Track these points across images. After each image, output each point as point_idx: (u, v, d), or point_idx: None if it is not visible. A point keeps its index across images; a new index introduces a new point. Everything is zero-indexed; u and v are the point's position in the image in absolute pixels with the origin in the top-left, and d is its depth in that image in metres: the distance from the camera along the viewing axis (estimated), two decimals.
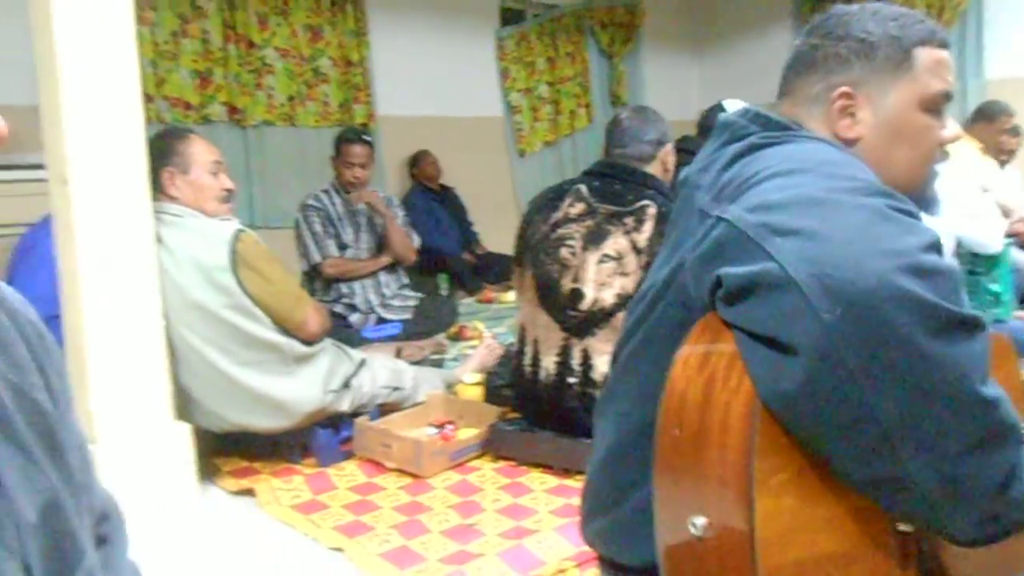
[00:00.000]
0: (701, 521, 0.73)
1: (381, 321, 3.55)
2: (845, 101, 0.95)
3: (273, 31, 4.91)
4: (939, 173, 1.01)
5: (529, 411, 2.32)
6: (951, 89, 0.97)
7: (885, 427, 0.68)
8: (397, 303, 3.63)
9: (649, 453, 0.79)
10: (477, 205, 5.64)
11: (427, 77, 5.55)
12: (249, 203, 4.77)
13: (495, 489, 2.15)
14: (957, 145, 1.03)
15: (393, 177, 5.46)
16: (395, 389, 2.55)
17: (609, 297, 2.13)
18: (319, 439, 2.35)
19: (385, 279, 3.65)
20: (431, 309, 3.73)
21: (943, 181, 1.03)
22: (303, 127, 5.06)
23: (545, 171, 6.27)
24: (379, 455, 2.32)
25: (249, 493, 2.19)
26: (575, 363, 2.17)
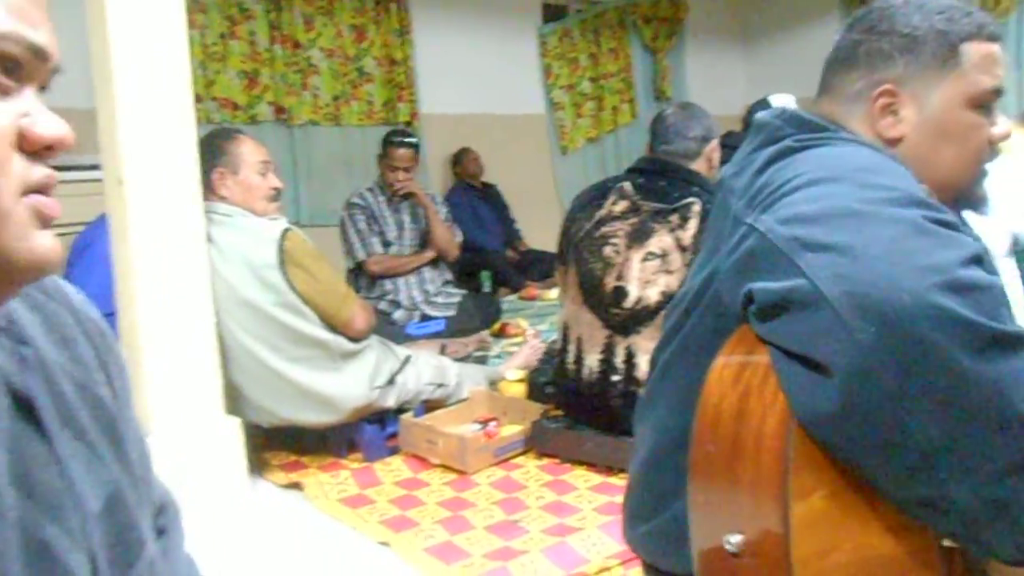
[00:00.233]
0: (737, 539, 0.71)
1: (425, 318, 3.57)
2: (888, 99, 0.92)
3: (318, 31, 4.97)
4: (988, 172, 0.97)
5: (572, 409, 2.32)
6: (1001, 85, 0.93)
7: (924, 448, 0.66)
8: (441, 300, 3.66)
9: (687, 463, 0.78)
10: (519, 202, 5.63)
11: (470, 75, 5.57)
12: (296, 202, 4.84)
13: (539, 486, 2.16)
14: (1011, 139, 0.99)
15: (436, 175, 5.50)
16: (439, 386, 2.57)
17: (653, 295, 2.11)
18: (365, 434, 2.39)
19: (429, 275, 3.67)
20: (474, 306, 3.75)
21: (995, 177, 0.99)
22: (348, 126, 5.12)
23: (588, 168, 6.23)
24: (424, 451, 2.34)
25: (297, 487, 2.23)
26: (619, 361, 2.16)
